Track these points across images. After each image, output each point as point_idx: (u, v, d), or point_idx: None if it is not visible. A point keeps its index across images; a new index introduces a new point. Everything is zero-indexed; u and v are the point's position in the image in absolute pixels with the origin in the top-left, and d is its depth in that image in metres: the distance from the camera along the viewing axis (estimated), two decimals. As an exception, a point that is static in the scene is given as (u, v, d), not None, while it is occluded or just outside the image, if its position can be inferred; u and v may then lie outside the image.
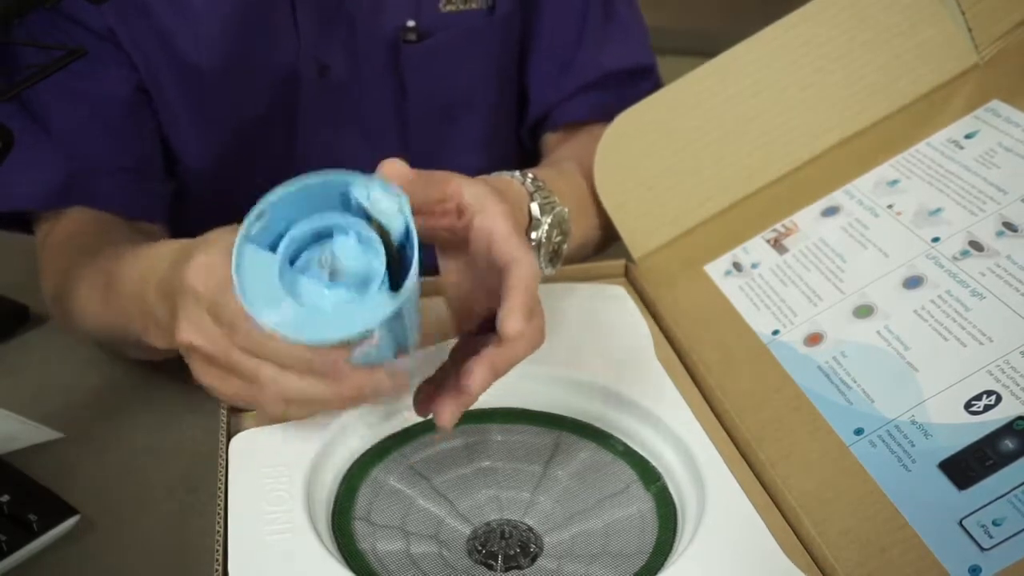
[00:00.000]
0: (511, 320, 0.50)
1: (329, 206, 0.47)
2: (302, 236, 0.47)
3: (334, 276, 0.46)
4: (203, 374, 0.53)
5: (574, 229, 0.70)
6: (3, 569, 0.60)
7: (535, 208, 0.66)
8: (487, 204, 0.54)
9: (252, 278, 0.45)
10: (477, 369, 0.51)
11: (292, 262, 0.47)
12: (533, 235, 0.66)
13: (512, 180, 0.67)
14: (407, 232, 0.46)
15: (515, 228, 0.54)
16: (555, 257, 0.68)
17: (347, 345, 0.47)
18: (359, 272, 0.47)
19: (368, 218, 0.47)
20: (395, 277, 0.47)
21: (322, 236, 0.47)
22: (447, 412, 0.52)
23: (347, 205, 0.47)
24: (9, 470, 0.67)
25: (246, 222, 0.46)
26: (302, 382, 0.49)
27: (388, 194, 0.47)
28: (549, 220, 0.66)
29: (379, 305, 0.45)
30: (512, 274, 0.51)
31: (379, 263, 0.46)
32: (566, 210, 0.68)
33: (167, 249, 0.62)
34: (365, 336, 0.47)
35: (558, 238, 0.67)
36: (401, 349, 0.51)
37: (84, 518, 0.64)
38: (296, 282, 0.46)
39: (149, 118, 0.83)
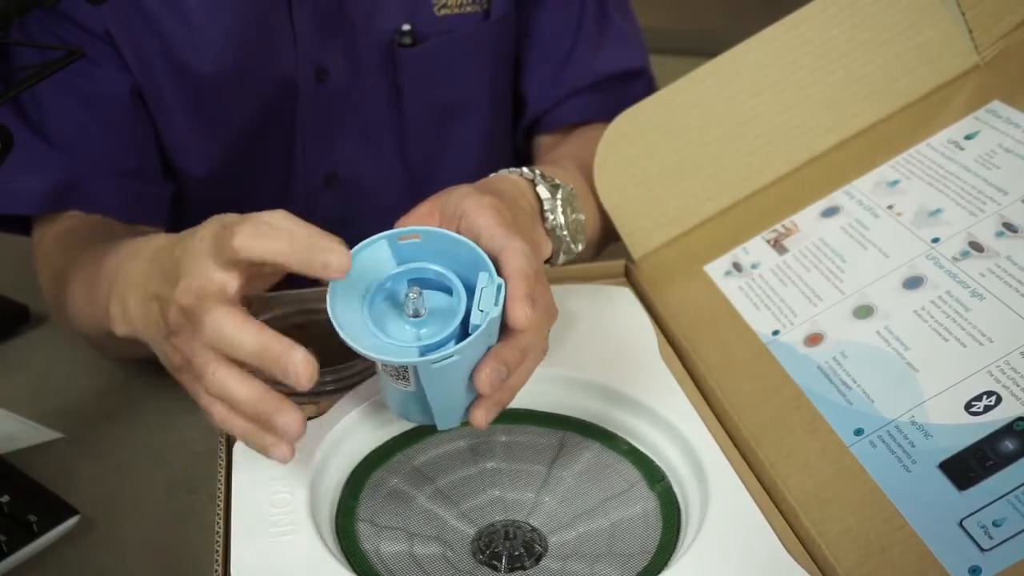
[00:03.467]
0: (516, 310, 0.51)
1: (456, 267, 0.53)
2: (420, 273, 0.53)
3: (416, 313, 0.52)
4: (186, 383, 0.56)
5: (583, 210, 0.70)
6: (3, 569, 0.60)
7: (543, 191, 0.67)
8: (466, 207, 0.55)
9: (358, 272, 0.51)
10: (484, 367, 0.51)
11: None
12: (549, 216, 0.67)
13: (509, 175, 0.67)
14: (476, 328, 0.51)
15: (499, 219, 0.55)
16: (578, 233, 0.68)
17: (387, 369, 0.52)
18: (435, 321, 0.52)
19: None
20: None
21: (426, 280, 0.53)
22: (478, 415, 0.53)
23: (468, 275, 0.52)
24: (9, 470, 0.67)
25: (400, 230, 0.52)
26: (232, 377, 0.52)
27: (494, 297, 0.51)
28: (560, 197, 0.67)
29: (410, 355, 0.51)
30: (506, 264, 0.52)
31: (452, 330, 0.51)
32: (571, 187, 0.69)
33: (142, 245, 0.63)
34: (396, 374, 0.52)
35: (573, 215, 0.68)
36: (425, 414, 0.54)
37: (84, 518, 0.64)
38: (377, 300, 0.52)
39: (147, 120, 0.83)
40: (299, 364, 0.49)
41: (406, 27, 0.85)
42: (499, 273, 0.52)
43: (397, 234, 0.52)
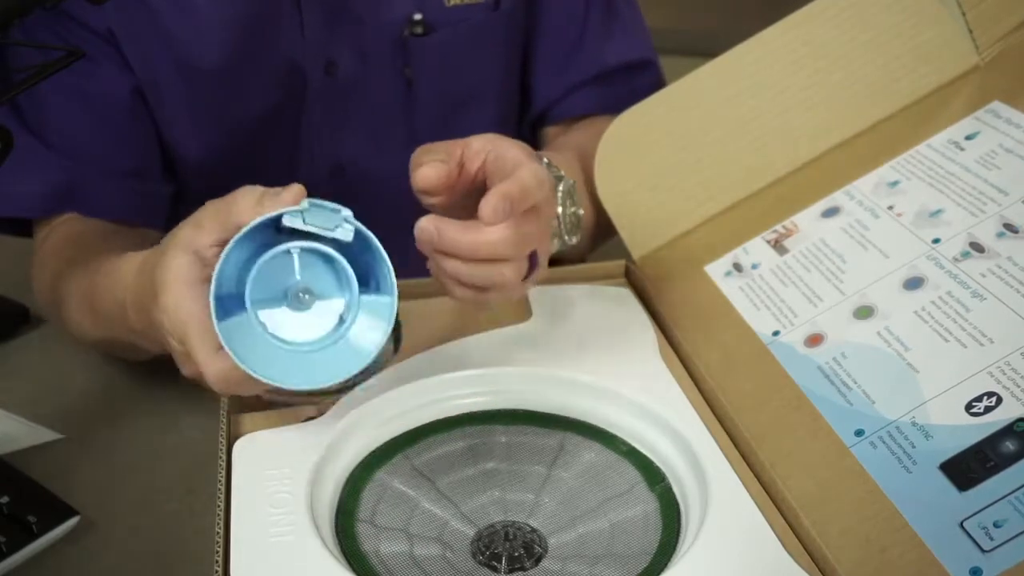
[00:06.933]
0: (486, 204, 0.53)
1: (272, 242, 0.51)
2: (246, 269, 0.50)
3: (308, 298, 0.51)
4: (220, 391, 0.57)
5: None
6: (3, 570, 0.60)
7: None
8: (499, 143, 0.58)
9: (238, 333, 0.49)
10: (491, 197, 0.53)
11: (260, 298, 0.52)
12: None
13: None
14: (359, 235, 0.50)
15: (528, 153, 0.57)
16: (574, 227, 0.69)
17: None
18: (328, 289, 0.51)
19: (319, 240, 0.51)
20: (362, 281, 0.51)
21: (287, 269, 0.51)
22: (487, 211, 0.54)
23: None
24: (9, 470, 0.67)
25: (212, 287, 0.50)
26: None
27: (324, 210, 0.50)
28: (561, 189, 0.67)
29: (356, 356, 0.50)
30: (513, 175, 0.55)
31: (344, 292, 0.51)
32: (572, 181, 0.69)
33: (130, 266, 0.64)
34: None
35: (572, 208, 0.68)
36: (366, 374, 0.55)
37: (84, 518, 0.64)
38: (269, 314, 0.50)
39: (148, 120, 0.83)
40: None
41: (417, 16, 0.85)
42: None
43: (215, 293, 0.50)
